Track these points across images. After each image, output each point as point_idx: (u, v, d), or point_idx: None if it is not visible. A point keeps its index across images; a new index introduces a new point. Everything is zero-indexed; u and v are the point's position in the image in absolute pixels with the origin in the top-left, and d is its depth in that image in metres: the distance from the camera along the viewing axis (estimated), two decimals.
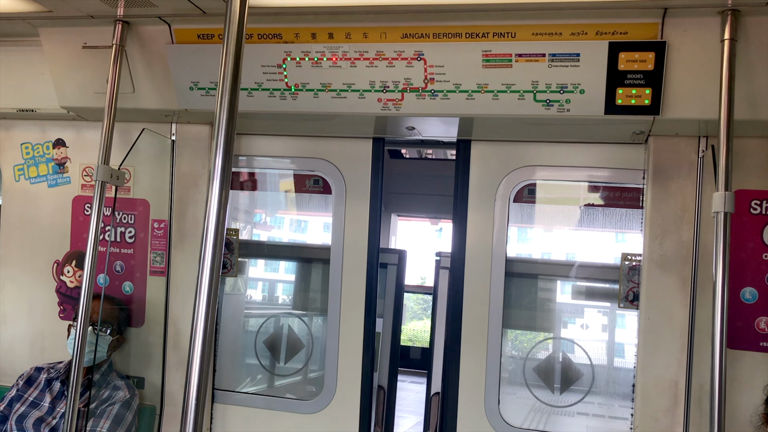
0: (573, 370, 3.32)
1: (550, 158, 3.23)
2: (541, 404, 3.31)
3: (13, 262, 3.76)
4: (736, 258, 2.85)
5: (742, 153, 2.82)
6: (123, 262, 3.57)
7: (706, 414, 2.61)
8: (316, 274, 3.88)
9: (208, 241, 1.82)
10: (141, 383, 3.50)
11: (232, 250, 3.65)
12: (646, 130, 2.88)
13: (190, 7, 2.79)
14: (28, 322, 3.72)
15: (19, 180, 3.74)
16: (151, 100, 3.20)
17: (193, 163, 3.48)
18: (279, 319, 3.84)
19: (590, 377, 3.28)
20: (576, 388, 3.31)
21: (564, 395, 3.31)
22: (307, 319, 3.79)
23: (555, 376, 3.34)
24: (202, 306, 1.78)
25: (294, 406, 3.51)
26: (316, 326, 3.75)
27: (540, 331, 3.48)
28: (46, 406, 3.22)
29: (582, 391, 3.29)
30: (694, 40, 2.56)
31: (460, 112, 2.84)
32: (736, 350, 2.85)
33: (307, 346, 3.70)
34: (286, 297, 4.06)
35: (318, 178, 3.61)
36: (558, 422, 3.27)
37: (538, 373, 3.34)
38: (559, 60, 2.66)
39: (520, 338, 3.54)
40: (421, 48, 2.76)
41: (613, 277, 3.18)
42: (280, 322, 3.80)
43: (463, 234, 3.29)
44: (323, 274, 3.69)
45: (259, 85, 3.00)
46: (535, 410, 3.33)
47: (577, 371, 3.31)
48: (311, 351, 3.69)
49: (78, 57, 3.16)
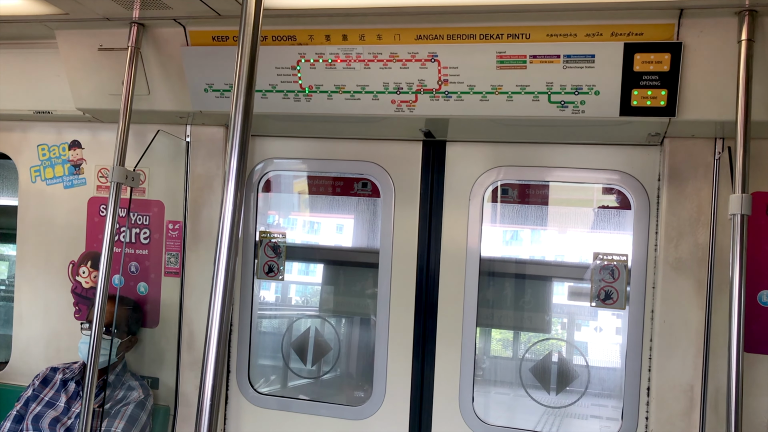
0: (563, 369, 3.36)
1: (539, 159, 3.26)
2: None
3: (29, 262, 3.79)
4: (753, 261, 2.82)
5: (759, 155, 2.79)
6: (138, 263, 3.59)
7: (722, 418, 2.58)
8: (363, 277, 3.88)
9: (223, 242, 1.82)
10: (155, 383, 3.52)
11: (279, 254, 3.65)
12: (662, 132, 2.86)
13: (204, 9, 2.80)
14: (43, 323, 3.74)
15: (36, 181, 3.77)
16: (166, 101, 3.22)
17: (208, 164, 3.49)
18: (307, 321, 3.84)
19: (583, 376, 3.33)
20: (571, 389, 3.35)
21: (551, 394, 3.35)
22: (334, 322, 3.80)
23: (551, 376, 3.37)
24: (217, 307, 1.78)
25: (341, 411, 3.48)
26: (344, 329, 3.77)
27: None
28: (62, 406, 3.24)
29: (577, 392, 3.31)
30: (711, 41, 2.53)
31: (474, 114, 2.84)
32: (753, 354, 2.83)
33: (335, 348, 3.71)
34: (319, 300, 4.06)
35: (366, 181, 3.58)
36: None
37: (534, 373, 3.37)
38: (573, 61, 2.65)
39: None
40: (435, 49, 2.76)
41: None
42: (308, 324, 3.81)
43: (438, 233, 3.33)
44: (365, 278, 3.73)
45: (273, 86, 3.01)
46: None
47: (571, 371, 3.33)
48: (338, 353, 3.71)
49: (94, 59, 3.18)
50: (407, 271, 3.37)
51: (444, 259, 3.33)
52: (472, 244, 3.29)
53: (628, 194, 3.13)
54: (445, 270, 3.33)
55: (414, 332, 3.35)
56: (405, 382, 3.36)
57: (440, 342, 3.32)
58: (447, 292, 3.32)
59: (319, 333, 3.73)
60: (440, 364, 3.32)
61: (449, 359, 3.30)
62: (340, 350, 3.72)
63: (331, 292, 4.02)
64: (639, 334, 3.07)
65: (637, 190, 3.10)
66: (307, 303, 4.07)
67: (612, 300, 3.14)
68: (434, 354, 3.33)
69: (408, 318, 3.36)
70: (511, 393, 3.47)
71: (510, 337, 3.64)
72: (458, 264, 3.30)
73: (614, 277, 3.14)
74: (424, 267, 3.35)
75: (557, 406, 3.31)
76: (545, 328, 3.50)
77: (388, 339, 3.38)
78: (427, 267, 3.35)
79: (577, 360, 3.36)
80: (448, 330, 3.30)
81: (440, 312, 3.32)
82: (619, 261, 3.14)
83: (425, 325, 3.35)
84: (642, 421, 3.04)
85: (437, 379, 3.32)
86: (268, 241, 3.63)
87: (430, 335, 3.34)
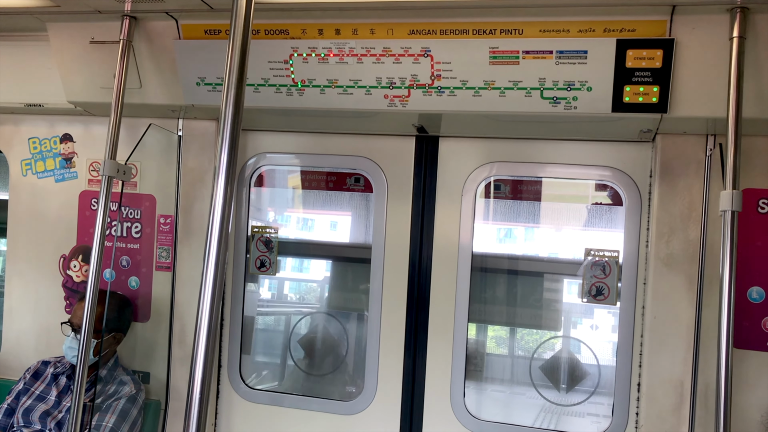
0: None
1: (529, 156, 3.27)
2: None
3: (20, 256, 3.77)
4: (743, 257, 2.84)
5: (750, 151, 2.80)
6: (129, 257, 3.58)
7: (711, 414, 2.59)
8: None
9: (213, 236, 1.82)
10: (146, 378, 3.51)
11: (271, 249, 3.65)
12: (654, 129, 2.87)
13: (197, 3, 2.79)
14: (34, 316, 3.73)
15: (27, 174, 3.75)
16: (158, 95, 3.21)
17: (200, 158, 3.48)
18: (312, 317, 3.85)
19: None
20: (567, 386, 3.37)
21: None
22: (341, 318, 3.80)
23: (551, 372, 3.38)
24: (207, 301, 1.78)
25: (332, 406, 3.48)
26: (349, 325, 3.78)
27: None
28: (53, 399, 3.23)
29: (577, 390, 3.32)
30: (703, 37, 2.54)
31: (466, 109, 2.84)
32: (743, 350, 2.84)
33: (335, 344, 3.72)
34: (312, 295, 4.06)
35: (359, 176, 3.57)
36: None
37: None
38: (566, 57, 2.65)
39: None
40: (428, 44, 2.76)
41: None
42: (310, 320, 3.82)
43: (430, 229, 3.34)
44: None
45: (265, 80, 3.00)
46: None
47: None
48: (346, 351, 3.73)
49: (85, 52, 3.17)
50: (399, 267, 3.37)
51: (436, 254, 3.33)
52: (464, 239, 3.29)
53: (620, 190, 3.13)
54: (437, 265, 3.33)
55: (406, 327, 3.36)
56: (397, 377, 3.37)
57: (432, 337, 3.32)
58: (439, 288, 3.32)
59: (319, 329, 3.74)
60: (432, 360, 3.32)
61: (441, 354, 3.30)
62: (347, 346, 3.72)
63: (326, 288, 4.02)
64: (630, 330, 3.08)
65: (629, 187, 3.11)
66: (303, 300, 4.07)
67: (603, 296, 3.15)
68: (426, 349, 3.33)
69: (400, 313, 3.37)
70: (505, 390, 3.48)
71: (503, 334, 3.64)
72: (450, 259, 3.30)
73: (606, 273, 3.15)
74: (416, 262, 3.35)
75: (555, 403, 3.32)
76: (537, 324, 3.51)
77: (380, 334, 3.38)
78: (419, 262, 3.36)
79: (573, 356, 3.38)
80: (439, 325, 3.31)
81: (432, 307, 3.32)
82: (610, 257, 3.15)
83: (417, 320, 3.35)
84: (632, 417, 3.06)
85: (429, 374, 3.33)
86: (260, 236, 3.63)
87: (422, 330, 3.34)
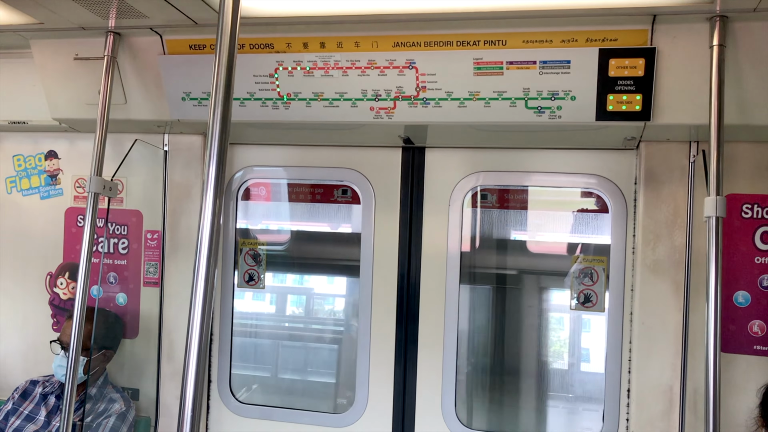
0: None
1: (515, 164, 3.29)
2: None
3: (5, 274, 3.74)
4: (729, 262, 2.87)
5: (733, 157, 2.84)
6: (116, 274, 3.56)
7: (701, 418, 2.61)
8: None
9: (202, 250, 1.81)
10: (135, 395, 3.49)
11: (260, 262, 3.64)
12: (638, 136, 2.89)
13: (181, 18, 2.79)
14: (21, 335, 3.70)
15: (12, 192, 3.73)
16: (143, 110, 3.20)
17: (186, 173, 3.48)
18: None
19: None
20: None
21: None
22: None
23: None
24: (197, 316, 1.77)
25: (323, 419, 3.47)
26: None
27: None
28: (42, 419, 3.20)
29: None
30: (684, 46, 2.57)
31: (452, 120, 2.85)
32: (730, 354, 2.87)
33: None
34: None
35: (346, 187, 3.57)
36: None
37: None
38: (549, 67, 2.68)
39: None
40: (413, 56, 2.77)
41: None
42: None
43: (418, 239, 3.35)
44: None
45: (251, 95, 3.01)
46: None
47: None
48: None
49: (70, 68, 3.16)
50: (388, 278, 3.37)
51: (425, 264, 3.34)
52: (452, 249, 3.30)
53: (606, 198, 3.16)
54: (426, 276, 3.34)
55: (396, 338, 3.36)
56: (387, 389, 3.36)
57: (422, 348, 3.33)
58: (428, 298, 3.32)
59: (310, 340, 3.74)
60: (422, 370, 3.33)
61: (431, 365, 3.31)
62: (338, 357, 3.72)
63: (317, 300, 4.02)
64: (618, 336, 3.09)
65: (615, 194, 3.13)
66: (294, 313, 4.06)
67: (591, 303, 3.17)
68: (416, 360, 3.33)
69: (390, 324, 3.37)
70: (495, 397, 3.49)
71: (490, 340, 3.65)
72: (439, 270, 3.31)
73: (593, 280, 3.17)
74: (405, 273, 3.36)
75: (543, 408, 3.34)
76: (524, 331, 3.52)
77: (370, 345, 3.38)
78: (408, 273, 3.36)
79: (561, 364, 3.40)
80: (429, 336, 3.31)
81: (422, 318, 3.33)
82: (598, 264, 3.17)
83: (407, 331, 3.35)
84: (623, 423, 3.07)
85: (419, 385, 3.33)
86: (248, 249, 3.62)
87: (412, 341, 3.34)
